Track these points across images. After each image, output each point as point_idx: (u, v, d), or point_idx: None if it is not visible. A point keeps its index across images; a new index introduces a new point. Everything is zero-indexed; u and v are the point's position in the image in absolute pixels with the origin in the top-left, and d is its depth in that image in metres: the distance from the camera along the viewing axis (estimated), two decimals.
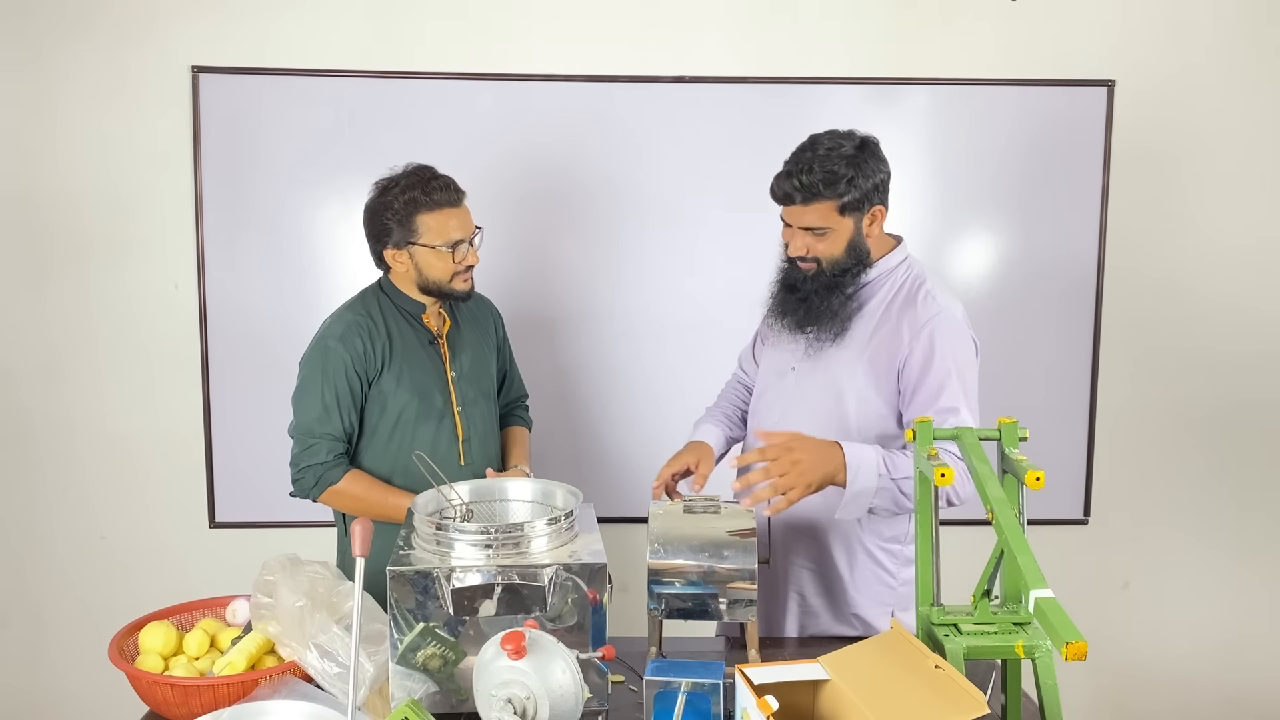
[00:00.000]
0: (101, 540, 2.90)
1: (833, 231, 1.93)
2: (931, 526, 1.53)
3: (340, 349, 2.09)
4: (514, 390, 2.46)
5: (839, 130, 1.96)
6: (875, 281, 2.00)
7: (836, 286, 1.97)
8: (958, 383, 1.89)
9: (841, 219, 1.93)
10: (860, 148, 1.92)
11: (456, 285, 2.14)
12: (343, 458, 2.11)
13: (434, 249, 2.09)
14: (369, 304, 2.17)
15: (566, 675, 1.40)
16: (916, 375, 1.91)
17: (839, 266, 1.96)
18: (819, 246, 1.95)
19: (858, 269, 1.97)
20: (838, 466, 1.82)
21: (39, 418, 2.86)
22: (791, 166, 1.93)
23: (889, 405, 1.96)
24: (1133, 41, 2.84)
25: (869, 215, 1.95)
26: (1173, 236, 2.92)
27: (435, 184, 2.09)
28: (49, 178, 2.77)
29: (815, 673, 1.44)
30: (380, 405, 2.13)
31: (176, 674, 1.67)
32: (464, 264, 2.13)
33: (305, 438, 2.09)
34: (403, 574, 1.53)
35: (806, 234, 1.95)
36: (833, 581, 2.03)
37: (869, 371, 1.95)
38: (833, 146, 1.91)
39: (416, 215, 2.09)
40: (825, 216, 1.92)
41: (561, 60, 2.79)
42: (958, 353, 1.92)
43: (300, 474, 2.10)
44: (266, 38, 2.75)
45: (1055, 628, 1.20)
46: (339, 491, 2.09)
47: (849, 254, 1.95)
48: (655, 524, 1.77)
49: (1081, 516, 3.00)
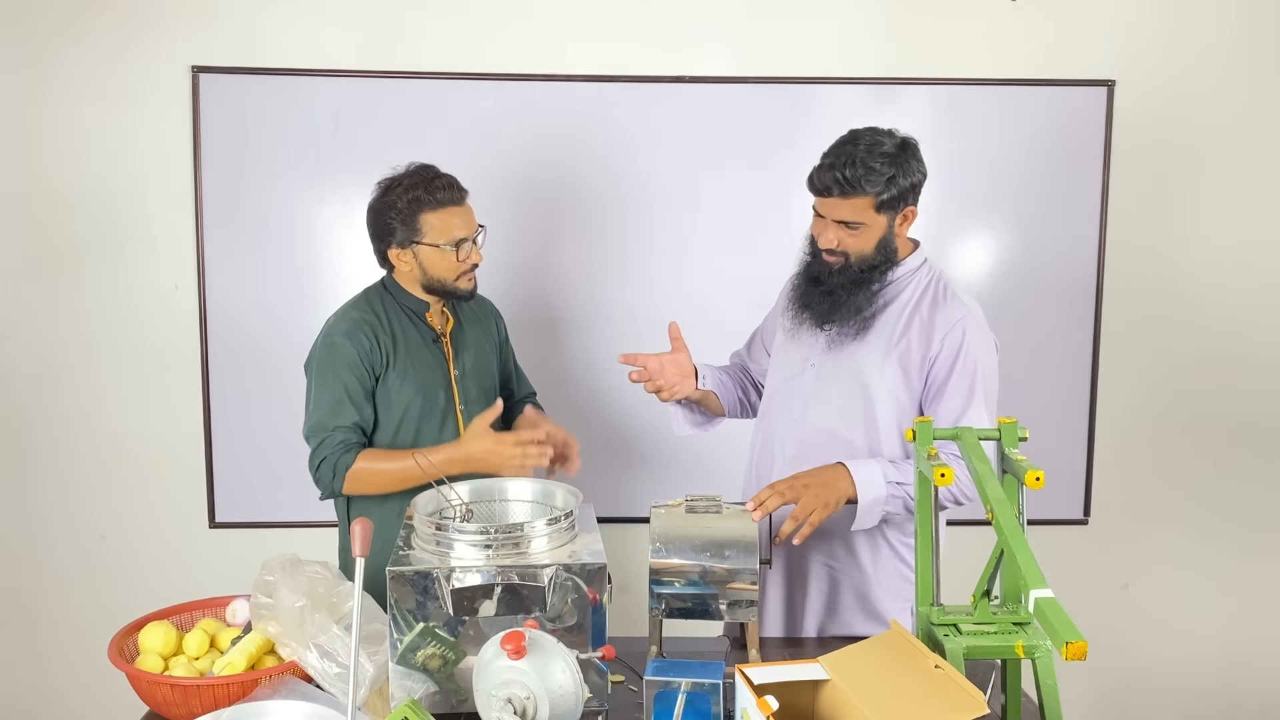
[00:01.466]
0: (101, 540, 2.90)
1: (866, 227, 1.94)
2: (931, 526, 1.53)
3: (347, 345, 2.09)
4: (523, 388, 2.46)
5: (880, 127, 1.96)
6: (900, 280, 2.01)
7: (863, 282, 1.98)
8: (982, 382, 1.93)
9: (877, 216, 1.93)
10: (902, 147, 1.93)
11: (461, 284, 2.14)
12: (355, 446, 2.08)
13: (438, 248, 2.10)
14: (373, 302, 2.17)
15: (566, 675, 1.40)
16: (945, 372, 1.94)
17: (867, 263, 1.97)
18: (850, 241, 1.96)
19: (885, 266, 1.98)
20: (847, 483, 1.87)
21: (39, 418, 2.86)
22: (833, 159, 1.92)
23: (914, 402, 1.98)
24: (1133, 41, 2.84)
25: (902, 215, 1.96)
26: (1173, 237, 2.92)
27: (439, 183, 2.10)
28: (49, 177, 2.77)
29: (815, 673, 1.44)
30: (385, 403, 2.13)
31: (176, 674, 1.66)
32: (468, 262, 2.13)
33: (319, 433, 2.08)
34: (402, 574, 1.53)
35: (840, 227, 1.95)
36: (856, 578, 2.04)
37: (898, 368, 1.96)
38: (875, 143, 1.91)
39: (420, 214, 2.09)
40: (861, 211, 1.92)
41: (561, 60, 2.79)
42: (986, 352, 1.96)
43: (319, 471, 2.08)
44: (266, 38, 2.75)
45: (1055, 628, 1.20)
46: (358, 472, 2.06)
47: (878, 251, 1.96)
48: (656, 524, 1.77)
49: (1081, 516, 3.00)
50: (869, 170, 1.89)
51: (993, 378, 1.97)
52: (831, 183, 1.91)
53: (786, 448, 2.05)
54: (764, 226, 2.80)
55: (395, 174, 2.14)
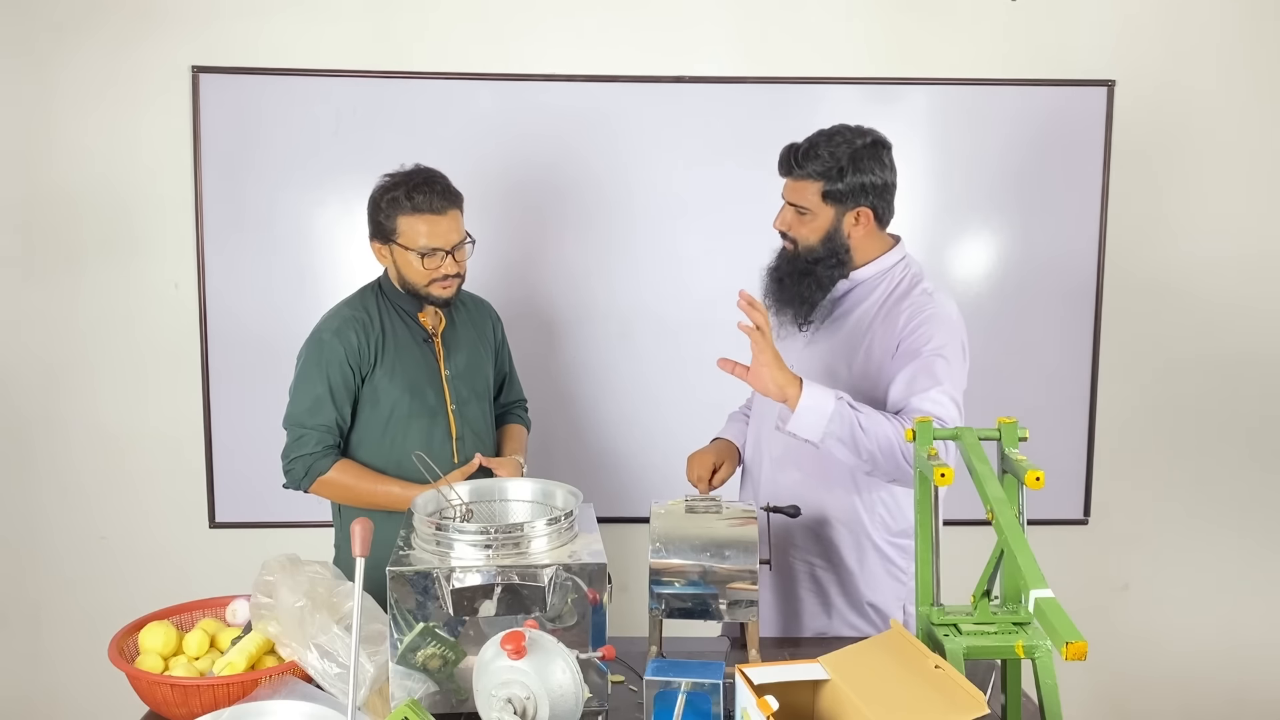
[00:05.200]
0: (101, 540, 2.90)
1: (812, 215, 1.97)
2: (932, 526, 1.53)
3: (335, 342, 2.11)
4: (513, 393, 2.47)
5: (863, 127, 1.98)
6: (870, 280, 2.01)
7: (809, 274, 1.98)
8: (943, 368, 1.87)
9: (823, 205, 1.96)
10: (870, 145, 1.94)
11: (434, 291, 2.13)
12: (332, 449, 2.12)
13: (408, 251, 2.10)
14: (366, 300, 2.18)
15: (566, 675, 1.40)
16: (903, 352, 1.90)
17: (812, 254, 1.98)
18: (798, 227, 1.99)
19: (832, 262, 1.98)
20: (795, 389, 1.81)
21: (39, 418, 2.86)
22: (800, 141, 1.97)
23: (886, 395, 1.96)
24: (1133, 41, 2.84)
25: (853, 214, 1.96)
26: (1173, 236, 2.92)
27: (421, 188, 2.08)
28: (49, 178, 2.77)
29: (815, 673, 1.44)
30: (373, 401, 2.14)
31: (176, 674, 1.66)
32: (439, 272, 2.11)
33: (296, 429, 2.12)
34: (402, 574, 1.53)
35: (791, 210, 2.00)
36: (844, 577, 2.04)
37: (865, 363, 1.96)
38: (845, 139, 1.94)
39: (396, 216, 2.10)
40: (806, 196, 1.96)
41: (561, 60, 2.79)
42: (946, 342, 1.91)
43: (291, 465, 2.12)
44: (267, 38, 2.75)
45: (1055, 628, 1.20)
46: (329, 481, 2.11)
47: (824, 244, 1.97)
48: (656, 524, 1.77)
49: (1081, 516, 3.00)
50: (819, 156, 1.93)
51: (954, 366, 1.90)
52: (788, 160, 1.97)
53: (773, 448, 2.06)
54: (761, 226, 2.79)
55: (397, 171, 2.15)
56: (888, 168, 1.97)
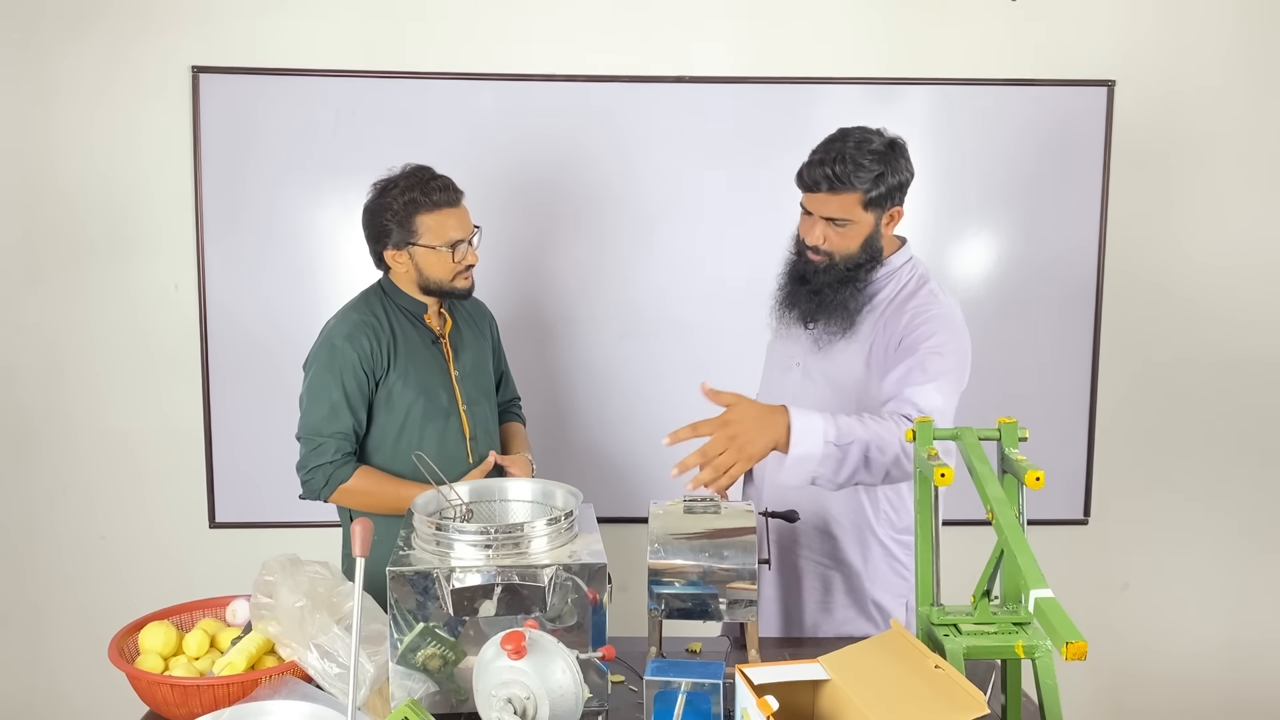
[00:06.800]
0: (101, 540, 2.90)
1: (853, 225, 1.94)
2: (932, 526, 1.53)
3: (348, 348, 2.09)
4: (509, 391, 2.48)
5: (868, 126, 1.96)
6: (881, 279, 2.01)
7: (849, 280, 1.97)
8: (938, 364, 1.85)
9: (864, 213, 1.93)
10: (890, 145, 1.94)
11: (458, 284, 2.15)
12: (351, 456, 2.11)
13: (434, 249, 2.10)
14: (373, 304, 2.17)
15: (566, 675, 1.40)
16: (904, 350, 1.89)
17: (852, 261, 1.96)
18: (836, 239, 1.95)
19: (870, 265, 1.98)
20: (781, 431, 1.70)
21: (39, 418, 2.86)
22: (823, 155, 1.93)
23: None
24: (1133, 41, 2.84)
25: (888, 214, 1.96)
26: (1173, 237, 2.92)
27: (434, 184, 2.10)
28: (49, 177, 2.77)
29: (815, 673, 1.44)
30: (388, 405, 2.13)
31: (176, 674, 1.66)
32: (464, 263, 2.13)
33: (313, 438, 2.09)
34: (402, 574, 1.53)
35: (827, 224, 1.95)
36: (849, 575, 2.03)
37: (868, 364, 1.96)
38: (864, 140, 1.92)
39: (416, 216, 2.09)
40: (849, 209, 1.92)
41: (561, 60, 2.78)
42: (947, 342, 1.89)
43: (310, 475, 2.09)
44: (267, 38, 2.75)
45: (1055, 628, 1.20)
46: (350, 489, 2.09)
47: (864, 249, 1.96)
48: (655, 524, 1.77)
49: (1081, 516, 3.00)
50: (858, 167, 1.89)
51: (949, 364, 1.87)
52: (821, 178, 1.91)
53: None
54: (763, 227, 2.80)
55: (391, 175, 2.14)
56: (910, 162, 1.97)
